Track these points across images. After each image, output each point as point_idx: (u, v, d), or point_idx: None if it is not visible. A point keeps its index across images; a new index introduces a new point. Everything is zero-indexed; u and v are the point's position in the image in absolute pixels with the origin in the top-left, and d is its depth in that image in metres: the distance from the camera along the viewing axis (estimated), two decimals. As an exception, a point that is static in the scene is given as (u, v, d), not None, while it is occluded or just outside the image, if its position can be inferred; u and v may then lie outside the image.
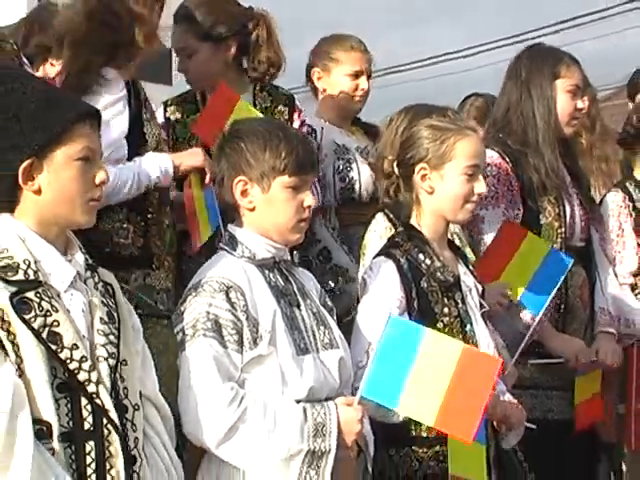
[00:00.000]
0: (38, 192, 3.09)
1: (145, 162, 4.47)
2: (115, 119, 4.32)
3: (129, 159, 4.46)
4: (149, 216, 4.57)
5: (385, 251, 4.12)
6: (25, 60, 4.49)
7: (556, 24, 23.01)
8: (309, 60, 5.89)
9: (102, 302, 3.17)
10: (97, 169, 3.15)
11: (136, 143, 4.54)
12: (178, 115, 5.32)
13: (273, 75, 5.22)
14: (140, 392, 3.22)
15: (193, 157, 4.71)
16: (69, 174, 3.09)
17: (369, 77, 5.77)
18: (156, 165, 4.49)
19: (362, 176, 5.49)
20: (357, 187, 5.51)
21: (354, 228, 3.97)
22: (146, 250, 4.54)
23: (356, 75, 5.70)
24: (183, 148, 5.10)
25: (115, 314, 3.20)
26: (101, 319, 3.12)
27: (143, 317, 3.52)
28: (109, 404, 3.02)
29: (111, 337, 3.12)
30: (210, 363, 3.48)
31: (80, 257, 3.19)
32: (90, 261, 3.24)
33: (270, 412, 3.50)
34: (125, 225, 4.47)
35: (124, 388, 3.12)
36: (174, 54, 5.42)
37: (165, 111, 5.33)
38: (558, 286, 4.70)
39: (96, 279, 3.21)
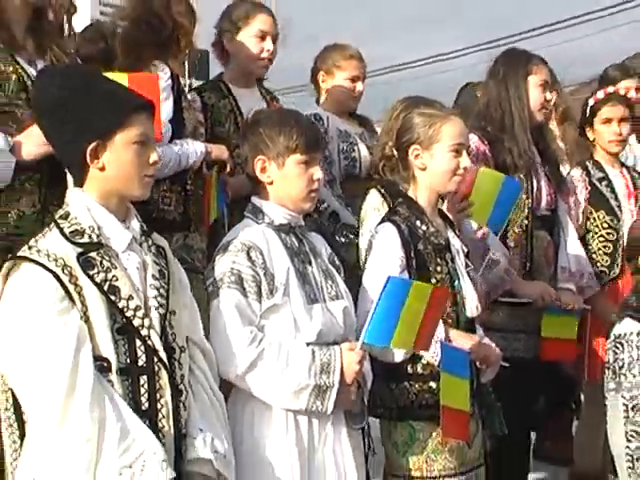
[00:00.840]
0: (102, 169, 3.09)
1: (185, 147, 4.45)
2: (162, 104, 4.21)
3: (171, 140, 4.41)
4: (187, 188, 4.55)
5: (388, 218, 4.05)
6: None
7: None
8: (314, 64, 5.81)
9: (154, 262, 3.17)
10: (151, 151, 3.13)
11: (177, 126, 4.49)
12: (214, 100, 5.21)
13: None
14: (187, 337, 3.23)
15: (220, 151, 4.67)
16: (127, 155, 3.08)
17: (363, 80, 5.73)
18: (193, 150, 4.48)
19: (362, 156, 5.45)
20: (358, 165, 5.47)
21: (354, 199, 3.90)
22: (185, 216, 4.53)
23: (353, 79, 5.64)
24: (219, 130, 5.11)
25: (165, 272, 3.21)
26: (153, 275, 3.14)
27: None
28: (159, 345, 3.05)
29: (161, 290, 3.14)
30: (233, 310, 3.46)
31: (136, 224, 3.19)
32: (145, 228, 3.24)
33: (283, 352, 3.47)
34: (168, 194, 4.47)
35: (172, 333, 3.13)
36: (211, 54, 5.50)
37: (202, 97, 5.20)
38: (515, 204, 4.69)
39: (149, 243, 3.21)
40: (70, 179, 3.36)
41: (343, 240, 5.12)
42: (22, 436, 2.96)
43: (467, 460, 3.98)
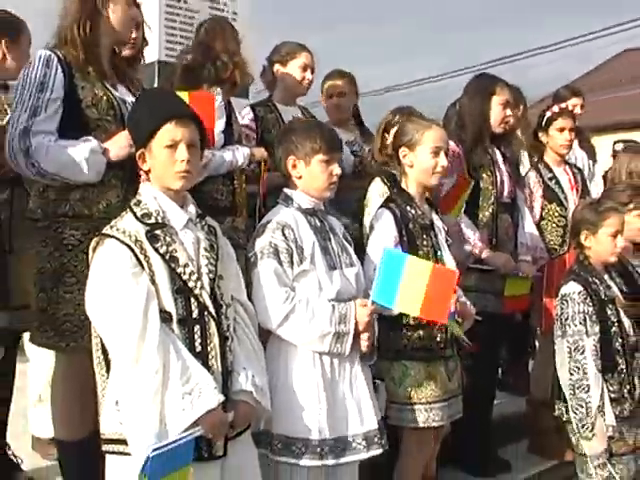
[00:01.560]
0: (149, 171, 3.19)
1: (235, 152, 4.50)
2: (217, 121, 4.29)
3: (224, 145, 4.51)
4: (235, 182, 4.57)
5: (385, 204, 4.10)
6: None
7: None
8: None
9: (206, 238, 3.22)
10: (179, 152, 3.12)
11: (228, 136, 4.56)
12: (263, 113, 5.29)
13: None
14: (233, 296, 3.27)
15: (260, 152, 4.73)
16: (160, 157, 3.13)
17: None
18: (241, 154, 4.53)
19: (345, 157, 5.18)
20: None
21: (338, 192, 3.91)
22: (233, 204, 4.54)
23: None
24: (267, 136, 5.16)
25: (215, 246, 3.25)
26: (205, 248, 3.18)
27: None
28: (208, 302, 3.10)
29: (211, 260, 3.18)
30: (272, 275, 3.51)
31: (192, 208, 3.25)
32: (200, 211, 3.29)
33: (310, 307, 3.50)
34: (220, 187, 4.49)
35: (220, 294, 3.17)
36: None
37: (254, 110, 5.30)
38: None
39: (203, 223, 3.26)
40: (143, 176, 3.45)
41: None
42: (108, 372, 3.04)
43: (448, 390, 4.05)
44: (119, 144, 3.49)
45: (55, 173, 3.43)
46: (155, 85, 5.70)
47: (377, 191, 4.26)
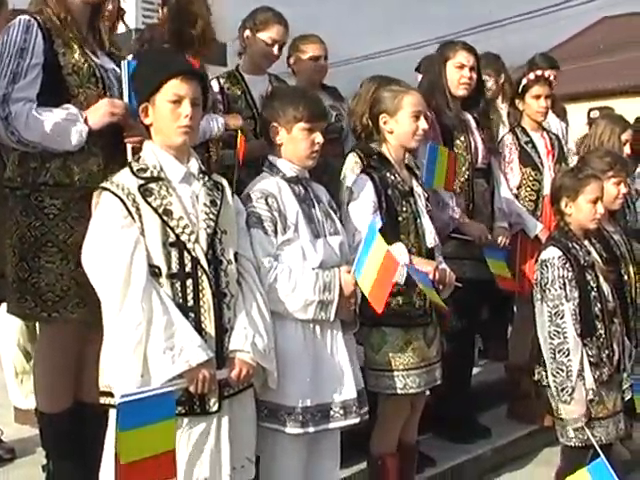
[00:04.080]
0: (151, 125, 3.25)
1: (212, 122, 4.48)
2: None
3: None
4: (210, 151, 4.55)
5: (365, 170, 4.11)
6: None
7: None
8: (288, 52, 5.59)
9: (207, 193, 3.26)
10: (183, 107, 3.17)
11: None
12: (228, 85, 5.20)
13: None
14: (239, 253, 3.33)
15: (235, 119, 4.76)
16: (164, 111, 3.18)
17: (326, 58, 5.56)
18: (216, 124, 4.51)
19: None
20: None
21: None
22: (208, 168, 4.42)
23: (317, 59, 5.49)
24: (234, 107, 5.11)
25: (218, 201, 3.28)
26: (204, 204, 3.22)
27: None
28: (201, 256, 3.13)
29: (211, 215, 3.21)
30: (255, 245, 3.48)
31: (194, 164, 3.29)
32: (204, 168, 3.35)
33: (293, 276, 3.49)
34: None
35: (221, 249, 3.22)
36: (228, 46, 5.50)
37: (219, 82, 5.19)
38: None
39: (206, 179, 3.30)
40: (129, 145, 3.52)
41: None
42: None
43: (427, 357, 4.08)
44: (100, 112, 3.47)
45: (35, 141, 3.41)
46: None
47: (349, 167, 4.27)
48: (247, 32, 5.26)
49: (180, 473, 3.00)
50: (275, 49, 5.23)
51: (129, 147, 3.51)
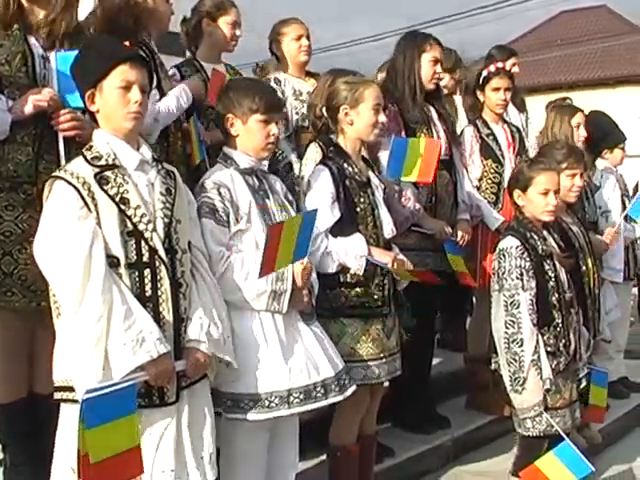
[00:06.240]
0: (97, 111, 3.20)
1: (179, 98, 4.36)
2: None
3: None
4: (169, 140, 4.44)
5: (323, 162, 4.11)
6: None
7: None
8: (269, 40, 5.61)
9: (162, 182, 3.24)
10: (133, 93, 3.14)
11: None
12: (190, 73, 5.10)
13: None
14: (191, 243, 3.30)
15: (195, 82, 4.68)
16: (113, 97, 3.14)
17: (308, 37, 5.52)
18: (183, 97, 4.39)
19: None
20: (308, 119, 5.19)
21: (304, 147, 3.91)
22: (168, 159, 4.34)
23: (299, 38, 5.48)
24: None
25: (172, 190, 3.26)
26: (160, 192, 3.20)
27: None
28: (159, 246, 3.11)
29: (167, 204, 3.20)
30: (207, 234, 3.48)
31: (147, 152, 3.26)
32: (156, 156, 3.34)
33: (245, 266, 3.49)
34: (154, 145, 4.22)
35: (176, 238, 3.19)
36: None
37: (180, 71, 5.11)
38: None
39: (159, 167, 3.28)
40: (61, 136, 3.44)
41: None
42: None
43: (386, 348, 4.07)
44: (24, 101, 3.41)
45: None
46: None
47: (310, 157, 4.26)
48: (205, 20, 5.21)
49: (147, 466, 2.99)
50: (237, 31, 5.24)
51: (61, 137, 3.44)
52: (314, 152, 4.24)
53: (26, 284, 3.39)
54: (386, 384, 4.36)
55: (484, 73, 5.80)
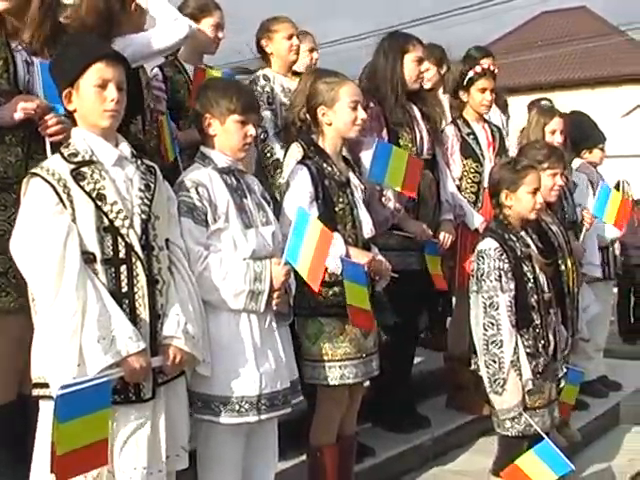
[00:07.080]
0: (75, 111, 3.18)
1: (174, 26, 4.11)
2: None
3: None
4: (145, 131, 4.32)
5: (302, 161, 4.10)
6: None
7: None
8: (256, 37, 5.59)
9: (141, 177, 3.21)
10: (109, 91, 3.12)
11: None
12: (171, 74, 5.12)
13: None
14: (169, 240, 3.28)
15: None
16: (89, 95, 3.12)
17: (298, 37, 5.55)
18: (184, 24, 4.14)
19: None
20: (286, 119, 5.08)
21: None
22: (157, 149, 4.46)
23: (290, 37, 5.48)
24: (176, 97, 5.07)
25: (152, 185, 3.24)
26: (139, 188, 3.18)
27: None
28: (135, 241, 3.08)
29: (145, 200, 3.17)
30: (186, 233, 3.45)
31: (125, 148, 3.24)
32: (135, 152, 3.29)
33: (224, 265, 3.48)
34: (147, 127, 4.34)
35: (154, 235, 3.17)
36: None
37: (162, 71, 5.10)
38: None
39: (139, 163, 3.25)
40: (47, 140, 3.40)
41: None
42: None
43: (363, 347, 4.06)
44: (11, 108, 3.40)
45: None
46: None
47: (291, 156, 4.25)
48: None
49: (119, 462, 3.01)
50: (220, 33, 5.22)
51: (48, 142, 3.42)
52: (295, 151, 4.23)
53: (21, 283, 3.34)
54: (366, 384, 4.35)
55: (470, 74, 5.80)
